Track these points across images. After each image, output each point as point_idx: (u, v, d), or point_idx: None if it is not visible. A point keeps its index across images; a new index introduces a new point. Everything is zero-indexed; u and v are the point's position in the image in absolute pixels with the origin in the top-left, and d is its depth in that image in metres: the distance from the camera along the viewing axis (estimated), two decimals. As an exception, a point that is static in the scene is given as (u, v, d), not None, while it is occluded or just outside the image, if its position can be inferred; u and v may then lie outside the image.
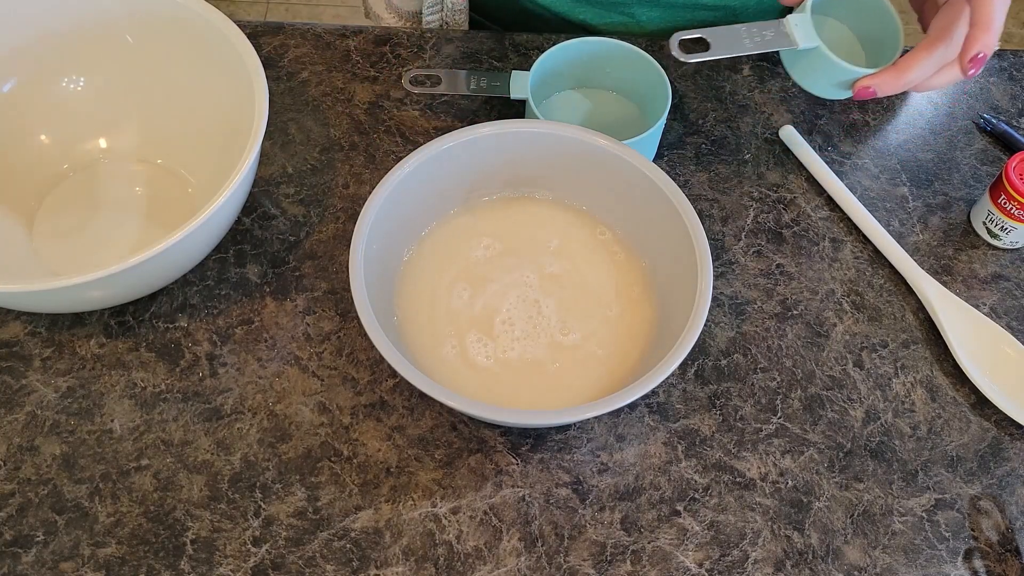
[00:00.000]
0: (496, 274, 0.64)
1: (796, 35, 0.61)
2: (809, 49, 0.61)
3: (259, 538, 0.57)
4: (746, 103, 0.76)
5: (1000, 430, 0.63)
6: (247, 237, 0.67)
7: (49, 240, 0.66)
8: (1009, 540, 0.59)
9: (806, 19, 0.61)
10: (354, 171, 0.70)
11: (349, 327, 0.64)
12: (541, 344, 0.61)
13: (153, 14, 0.65)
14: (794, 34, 0.61)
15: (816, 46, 0.61)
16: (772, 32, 0.61)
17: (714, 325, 0.65)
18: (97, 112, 0.69)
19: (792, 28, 0.61)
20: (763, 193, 0.71)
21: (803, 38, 0.61)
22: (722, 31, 0.61)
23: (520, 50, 0.77)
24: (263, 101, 0.59)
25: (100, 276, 0.53)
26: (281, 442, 0.60)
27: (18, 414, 0.60)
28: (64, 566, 0.55)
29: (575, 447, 0.60)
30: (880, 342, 0.65)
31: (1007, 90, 0.78)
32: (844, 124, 0.75)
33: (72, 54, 0.67)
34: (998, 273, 0.69)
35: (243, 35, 0.62)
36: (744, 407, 0.62)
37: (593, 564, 0.57)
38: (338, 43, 0.77)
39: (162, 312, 0.64)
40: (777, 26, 0.61)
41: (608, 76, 0.73)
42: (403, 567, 0.56)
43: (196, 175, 0.69)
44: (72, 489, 0.58)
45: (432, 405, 0.61)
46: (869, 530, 0.59)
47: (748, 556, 0.57)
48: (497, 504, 0.58)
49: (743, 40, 0.61)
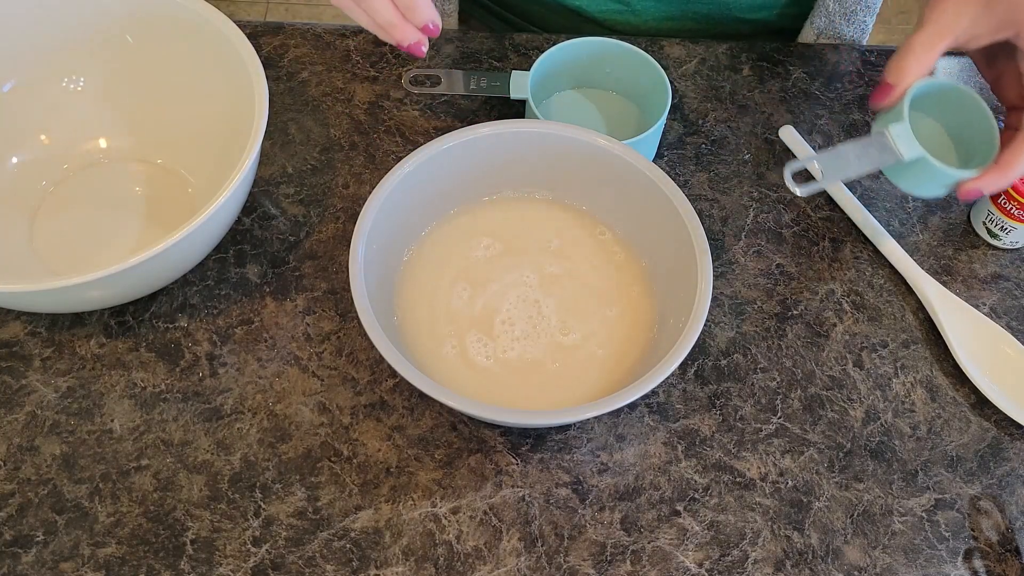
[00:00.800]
0: (496, 274, 0.64)
1: (900, 147, 0.58)
2: (914, 159, 0.59)
3: (259, 538, 0.57)
4: (746, 103, 0.76)
5: (1000, 430, 0.63)
6: (247, 237, 0.67)
7: (49, 240, 0.66)
8: (1009, 540, 0.59)
9: (906, 128, 0.59)
10: (354, 171, 0.70)
11: (349, 327, 0.64)
12: (541, 344, 0.61)
13: (153, 14, 0.65)
14: (897, 146, 0.59)
15: (921, 155, 0.59)
16: (876, 147, 0.59)
17: (714, 325, 0.65)
18: (97, 112, 0.69)
19: (895, 139, 0.59)
20: (763, 193, 0.71)
21: (907, 149, 0.59)
22: (828, 156, 0.59)
23: (520, 50, 0.77)
24: (263, 101, 0.60)
25: (100, 276, 0.53)
26: (281, 442, 0.60)
27: (18, 414, 0.60)
28: (64, 566, 0.55)
29: (575, 447, 0.60)
30: (880, 342, 0.65)
31: (1007, 90, 0.78)
32: (844, 124, 0.75)
33: (72, 54, 0.67)
34: (998, 273, 0.69)
35: (243, 35, 0.62)
36: (744, 407, 0.62)
37: (593, 564, 0.57)
38: (338, 43, 0.77)
39: (162, 312, 0.64)
40: (880, 139, 0.59)
41: (608, 76, 0.73)
42: (403, 567, 0.56)
43: (196, 175, 0.68)
44: (72, 489, 0.58)
45: (432, 405, 0.61)
46: (869, 530, 0.59)
47: (748, 556, 0.57)
48: (497, 504, 0.58)
49: (851, 161, 0.59)
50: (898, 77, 0.59)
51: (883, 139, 0.59)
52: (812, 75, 0.77)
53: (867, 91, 0.77)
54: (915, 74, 0.59)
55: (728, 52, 0.78)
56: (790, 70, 0.77)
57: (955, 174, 0.59)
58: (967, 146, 0.63)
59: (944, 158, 0.61)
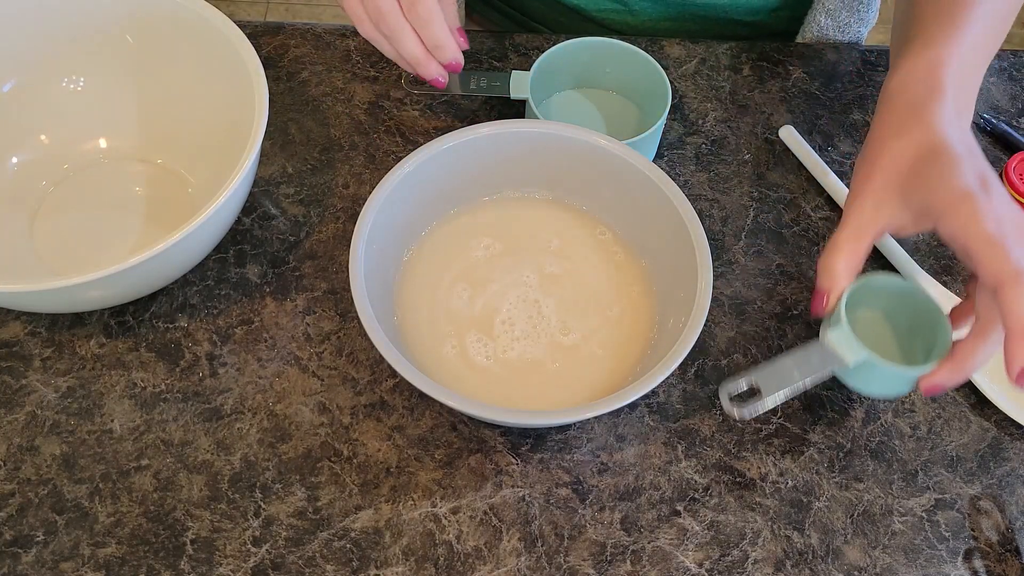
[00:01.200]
0: (496, 274, 0.63)
1: (842, 352, 0.55)
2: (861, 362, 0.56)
3: (259, 538, 0.57)
4: (746, 103, 0.76)
5: (1000, 430, 0.63)
6: (247, 237, 0.67)
7: (49, 240, 0.66)
8: (1009, 540, 0.59)
9: (845, 331, 0.55)
10: (354, 171, 0.70)
11: (349, 327, 0.64)
12: (541, 344, 0.61)
13: (153, 14, 0.65)
14: (839, 352, 0.55)
15: (866, 358, 0.55)
16: (817, 356, 0.56)
17: (714, 325, 0.65)
18: (97, 112, 0.69)
19: (834, 345, 0.55)
20: (763, 193, 0.71)
21: (849, 353, 0.55)
22: (768, 370, 0.56)
23: (520, 50, 0.77)
24: (263, 101, 0.60)
25: (100, 276, 0.53)
26: (281, 442, 0.60)
27: (18, 414, 0.60)
28: (64, 566, 0.55)
29: (575, 447, 0.60)
30: (880, 342, 0.65)
31: (1007, 90, 0.78)
32: (844, 124, 0.75)
33: (72, 54, 0.67)
34: (998, 273, 0.69)
35: (243, 35, 0.62)
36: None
37: (593, 564, 0.57)
38: (338, 43, 0.77)
39: (162, 312, 0.64)
40: (821, 348, 0.56)
41: (608, 76, 0.73)
42: (403, 567, 0.56)
43: (196, 175, 0.69)
44: (72, 489, 0.58)
45: (432, 405, 0.61)
46: (869, 530, 0.59)
47: (748, 556, 0.57)
48: (497, 504, 0.58)
49: (792, 373, 0.55)
50: (829, 281, 0.55)
51: (824, 347, 0.56)
52: (812, 75, 0.77)
53: (867, 91, 0.77)
54: (845, 275, 0.55)
55: (728, 52, 0.78)
56: (790, 70, 0.77)
57: (904, 373, 0.55)
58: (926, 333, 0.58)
59: (905, 348, 0.58)
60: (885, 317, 0.60)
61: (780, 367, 0.56)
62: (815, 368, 0.55)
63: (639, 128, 0.72)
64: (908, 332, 0.59)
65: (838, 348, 0.55)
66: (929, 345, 0.57)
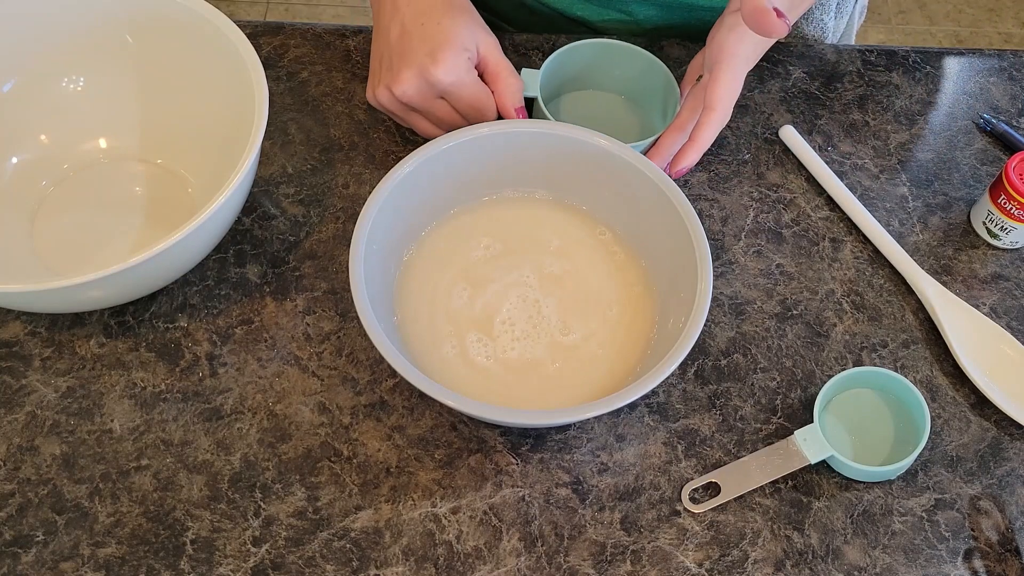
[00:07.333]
0: (496, 274, 0.63)
1: (805, 451, 0.58)
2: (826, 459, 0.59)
3: (259, 538, 0.57)
4: (746, 103, 0.76)
5: (1000, 430, 0.63)
6: (247, 237, 0.67)
7: (49, 240, 0.66)
8: (1009, 540, 0.59)
9: (815, 431, 0.59)
10: (354, 171, 0.70)
11: (349, 327, 0.64)
12: (541, 344, 0.61)
13: (153, 14, 0.65)
14: (803, 450, 0.58)
15: (831, 455, 0.58)
16: (781, 455, 0.59)
17: (714, 325, 0.65)
18: (97, 112, 0.69)
19: (801, 445, 0.59)
20: (763, 193, 0.71)
21: (816, 451, 0.58)
22: (730, 469, 0.59)
23: (520, 50, 0.77)
24: (263, 101, 0.60)
25: (100, 276, 0.53)
26: (281, 442, 0.60)
27: (18, 414, 0.60)
28: (64, 566, 0.55)
29: (575, 447, 0.60)
30: (880, 342, 0.65)
31: (1007, 90, 0.78)
32: (844, 124, 0.75)
33: (72, 54, 0.67)
34: (998, 273, 0.69)
35: (243, 35, 0.62)
36: (744, 407, 0.62)
37: (593, 564, 0.57)
38: (338, 43, 0.77)
39: (162, 312, 0.64)
40: (785, 447, 0.59)
41: (616, 80, 0.73)
42: (403, 567, 0.56)
43: (196, 175, 0.69)
44: (72, 489, 0.58)
45: (432, 405, 0.61)
46: (869, 530, 0.59)
47: (748, 556, 0.57)
48: (497, 504, 0.58)
49: (752, 472, 0.59)
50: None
51: (790, 445, 0.59)
52: (812, 75, 0.77)
53: (867, 91, 0.77)
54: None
55: (728, 52, 0.78)
56: (790, 70, 0.77)
57: (865, 470, 0.58)
58: (907, 420, 0.62)
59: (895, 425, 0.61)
60: (876, 395, 0.63)
61: (741, 467, 0.59)
62: (778, 470, 0.59)
63: (644, 133, 0.72)
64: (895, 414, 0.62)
65: (803, 447, 0.59)
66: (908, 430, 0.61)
